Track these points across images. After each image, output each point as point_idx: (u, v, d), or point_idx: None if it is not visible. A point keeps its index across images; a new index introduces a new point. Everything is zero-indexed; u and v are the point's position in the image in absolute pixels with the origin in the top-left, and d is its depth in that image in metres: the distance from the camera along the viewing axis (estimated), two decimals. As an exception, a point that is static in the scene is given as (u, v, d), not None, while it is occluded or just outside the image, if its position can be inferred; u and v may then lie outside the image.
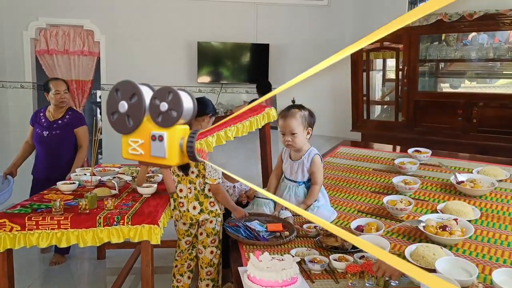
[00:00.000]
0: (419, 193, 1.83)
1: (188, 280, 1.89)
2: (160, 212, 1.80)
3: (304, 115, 1.62)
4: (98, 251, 2.96)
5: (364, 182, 2.00)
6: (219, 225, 1.79)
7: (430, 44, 3.69)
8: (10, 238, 1.68)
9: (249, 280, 1.22)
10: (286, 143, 1.64)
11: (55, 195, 1.95)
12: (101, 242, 1.74)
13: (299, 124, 1.60)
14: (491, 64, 3.55)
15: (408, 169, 2.03)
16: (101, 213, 1.75)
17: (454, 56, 3.63)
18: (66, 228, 1.71)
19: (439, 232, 1.42)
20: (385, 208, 1.67)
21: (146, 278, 1.79)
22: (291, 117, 1.60)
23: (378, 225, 1.50)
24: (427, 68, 3.79)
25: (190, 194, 1.75)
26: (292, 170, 1.69)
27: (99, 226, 1.72)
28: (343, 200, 1.83)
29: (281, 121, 1.64)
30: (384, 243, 1.38)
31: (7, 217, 1.70)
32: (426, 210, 1.68)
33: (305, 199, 1.65)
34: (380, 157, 2.34)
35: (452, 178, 1.87)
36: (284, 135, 1.63)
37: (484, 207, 1.67)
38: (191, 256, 1.89)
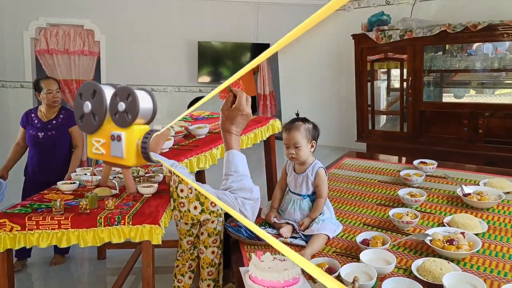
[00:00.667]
0: (425, 205, 1.82)
1: (189, 280, 1.87)
2: (161, 212, 1.81)
3: (308, 128, 1.62)
4: (98, 251, 2.96)
5: (370, 194, 1.99)
6: (221, 225, 1.78)
7: (435, 54, 3.69)
8: (10, 238, 1.68)
9: (251, 280, 1.21)
10: (289, 156, 1.64)
11: (56, 195, 1.95)
12: (102, 242, 1.74)
13: (303, 137, 1.60)
14: (496, 74, 3.55)
15: (414, 181, 2.02)
16: (102, 213, 1.75)
17: (459, 66, 3.63)
18: (66, 228, 1.71)
19: (446, 246, 1.40)
20: (391, 221, 1.66)
21: (147, 279, 1.79)
22: (295, 130, 1.60)
23: (384, 239, 1.48)
24: (432, 78, 3.78)
25: (191, 194, 1.74)
26: (296, 183, 1.68)
27: (99, 226, 1.72)
28: (349, 213, 1.82)
29: (285, 134, 1.64)
30: (390, 257, 1.36)
31: (7, 217, 1.70)
32: (432, 223, 1.66)
33: (309, 212, 1.64)
34: (386, 168, 2.33)
35: (459, 190, 1.86)
36: (288, 148, 1.63)
37: (491, 220, 1.65)
38: (192, 256, 1.87)
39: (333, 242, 1.58)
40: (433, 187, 2.00)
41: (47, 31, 4.65)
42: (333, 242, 1.58)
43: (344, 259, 1.45)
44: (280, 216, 1.72)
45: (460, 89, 3.93)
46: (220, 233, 1.80)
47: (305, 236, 1.59)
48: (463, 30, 3.16)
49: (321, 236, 1.54)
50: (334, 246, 1.55)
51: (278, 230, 1.66)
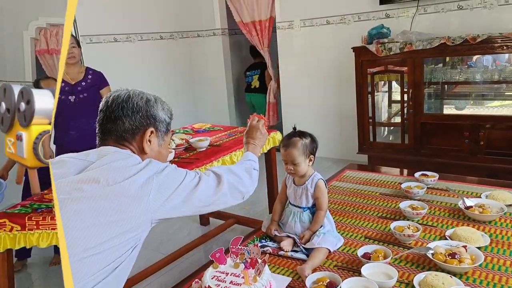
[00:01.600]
0: (427, 218, 1.81)
1: None
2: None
3: (306, 143, 1.61)
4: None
5: (371, 207, 1.98)
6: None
7: (435, 66, 3.71)
8: (10, 238, 1.67)
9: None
10: (288, 171, 1.65)
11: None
12: None
13: (300, 154, 1.60)
14: (497, 86, 3.56)
15: (415, 194, 2.01)
16: None
17: (459, 78, 3.65)
18: None
19: (448, 260, 1.39)
20: (393, 234, 1.65)
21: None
22: (292, 147, 1.60)
23: (385, 252, 1.47)
24: (433, 90, 3.80)
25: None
26: (296, 196, 1.68)
27: None
28: (350, 226, 1.81)
29: (283, 151, 1.64)
30: (392, 271, 1.35)
31: (7, 217, 1.69)
32: (434, 236, 1.65)
33: (310, 225, 1.63)
34: (387, 181, 2.32)
35: (460, 203, 1.85)
36: (286, 164, 1.64)
37: (493, 233, 1.64)
38: None
39: (334, 255, 1.57)
40: (434, 200, 1.99)
41: (47, 31, 4.69)
42: (334, 256, 1.56)
43: (345, 273, 1.44)
44: (281, 229, 1.71)
45: (461, 101, 3.94)
46: None
47: (306, 249, 1.58)
48: (462, 43, 3.18)
49: (322, 249, 1.53)
50: (335, 260, 1.54)
51: (279, 244, 1.65)
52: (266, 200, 3.01)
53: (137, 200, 1.09)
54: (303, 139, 1.62)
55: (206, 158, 2.18)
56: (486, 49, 3.18)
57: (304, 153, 1.60)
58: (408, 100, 3.61)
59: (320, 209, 1.63)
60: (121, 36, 4.35)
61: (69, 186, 1.04)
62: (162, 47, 4.83)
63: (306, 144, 1.61)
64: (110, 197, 1.05)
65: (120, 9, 4.31)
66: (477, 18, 3.49)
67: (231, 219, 2.97)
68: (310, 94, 4.68)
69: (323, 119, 4.61)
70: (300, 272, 1.44)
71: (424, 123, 3.57)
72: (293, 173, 1.65)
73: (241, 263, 1.33)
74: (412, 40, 3.43)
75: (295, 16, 4.60)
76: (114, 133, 1.22)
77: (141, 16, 4.53)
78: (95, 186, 1.05)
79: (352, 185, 2.30)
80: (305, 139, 1.62)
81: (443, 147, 3.51)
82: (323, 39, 4.44)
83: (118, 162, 1.13)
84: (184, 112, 5.06)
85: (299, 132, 1.65)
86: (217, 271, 1.33)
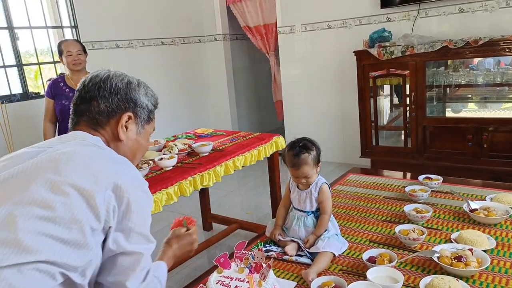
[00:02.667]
0: (432, 221, 1.80)
1: None
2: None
3: (314, 156, 1.59)
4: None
5: (375, 211, 1.97)
6: None
7: (437, 69, 3.71)
8: None
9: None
10: (301, 185, 1.65)
11: None
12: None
13: (311, 167, 1.59)
14: (499, 88, 3.55)
15: (420, 197, 2.00)
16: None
17: (461, 81, 3.64)
18: None
19: (454, 263, 1.38)
20: (397, 238, 1.64)
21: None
22: (304, 165, 1.57)
23: (391, 256, 1.46)
24: (435, 93, 3.79)
25: None
26: (300, 200, 1.67)
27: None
28: (354, 230, 1.80)
29: (294, 170, 1.60)
30: (398, 275, 1.34)
31: None
32: (439, 240, 1.64)
33: (314, 229, 1.63)
34: (391, 184, 2.31)
35: (465, 206, 1.84)
36: (297, 178, 1.62)
37: (499, 236, 1.63)
38: None
39: (339, 259, 1.56)
40: (439, 203, 1.98)
41: None
42: (339, 260, 1.55)
43: (350, 277, 1.43)
44: (285, 233, 1.70)
45: (463, 103, 3.94)
46: None
47: (310, 253, 1.57)
48: (464, 46, 3.18)
49: (327, 254, 1.52)
50: (340, 264, 1.53)
51: (283, 248, 1.64)
52: (269, 204, 3.00)
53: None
54: (310, 153, 1.59)
55: (209, 163, 2.18)
56: (488, 52, 3.18)
57: (314, 165, 1.60)
58: (410, 103, 3.60)
59: (324, 213, 1.62)
60: (123, 42, 4.37)
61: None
62: (164, 53, 4.85)
63: (314, 156, 1.60)
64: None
65: (122, 15, 4.34)
66: (479, 21, 3.50)
67: (234, 224, 2.96)
68: (312, 98, 4.68)
69: (325, 123, 4.61)
70: (304, 276, 1.43)
71: (426, 126, 3.56)
72: (305, 185, 1.64)
73: (246, 267, 1.32)
74: (414, 44, 3.43)
75: (296, 21, 4.61)
76: (86, 114, 1.10)
77: (143, 22, 4.56)
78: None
79: (355, 188, 2.29)
80: (312, 152, 1.59)
81: (446, 151, 3.49)
82: (324, 43, 4.45)
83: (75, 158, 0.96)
84: (185, 117, 5.07)
85: (303, 146, 1.60)
86: (222, 276, 1.32)
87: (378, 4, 3.90)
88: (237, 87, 5.62)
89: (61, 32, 4.13)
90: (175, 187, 1.94)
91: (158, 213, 1.90)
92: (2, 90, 3.40)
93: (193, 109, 5.32)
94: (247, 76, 5.87)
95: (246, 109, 5.86)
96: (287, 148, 1.64)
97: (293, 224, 1.67)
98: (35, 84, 4.21)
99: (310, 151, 1.59)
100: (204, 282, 1.40)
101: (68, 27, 3.96)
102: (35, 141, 1.20)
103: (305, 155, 1.58)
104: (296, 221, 1.67)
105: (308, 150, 1.59)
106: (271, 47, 5.13)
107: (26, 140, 3.36)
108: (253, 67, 5.98)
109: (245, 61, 5.80)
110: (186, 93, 5.20)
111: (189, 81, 5.24)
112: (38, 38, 3.75)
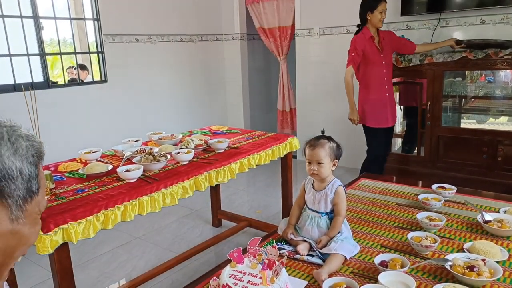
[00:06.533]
0: (444, 230, 1.80)
1: None
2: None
3: (333, 146, 1.64)
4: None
5: (387, 217, 1.98)
6: None
7: (454, 79, 3.69)
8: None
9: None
10: (311, 172, 1.65)
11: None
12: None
13: (326, 154, 1.62)
14: (516, 102, 3.52)
15: (433, 205, 2.00)
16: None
17: (478, 93, 3.63)
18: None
19: (467, 272, 1.38)
20: (409, 244, 1.64)
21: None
22: (320, 147, 1.62)
23: (403, 262, 1.47)
24: (450, 103, 3.78)
25: None
26: (315, 200, 1.69)
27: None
28: (366, 234, 1.81)
29: (309, 150, 1.65)
30: (410, 280, 1.35)
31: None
32: (451, 249, 1.64)
33: (328, 230, 1.64)
34: (403, 191, 2.31)
35: (479, 216, 1.84)
36: (310, 164, 1.65)
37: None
38: None
39: (350, 262, 1.57)
40: (452, 213, 1.98)
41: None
42: (350, 263, 1.57)
43: (361, 280, 1.44)
44: (297, 233, 1.72)
45: (480, 115, 3.91)
46: None
47: (322, 254, 1.58)
48: (484, 57, 3.17)
49: (339, 256, 1.53)
50: (351, 267, 1.54)
51: (295, 247, 1.66)
52: (279, 204, 3.02)
53: None
54: (330, 142, 1.66)
55: (225, 159, 2.20)
56: (508, 65, 3.16)
57: (330, 155, 1.63)
58: (426, 112, 3.59)
59: (338, 215, 1.64)
60: (142, 36, 4.42)
61: None
62: (182, 49, 4.90)
63: (333, 147, 1.64)
64: None
65: (143, 10, 4.39)
66: (500, 33, 3.47)
67: (243, 222, 2.98)
68: (326, 102, 4.69)
69: (338, 127, 4.61)
70: (316, 276, 1.44)
71: (441, 136, 3.55)
72: (315, 174, 1.65)
73: (259, 263, 1.34)
74: (433, 53, 3.42)
75: (314, 24, 4.62)
76: None
77: (163, 18, 4.61)
78: None
79: (368, 193, 2.30)
80: (333, 143, 1.66)
81: (459, 161, 3.48)
82: (341, 47, 4.43)
83: None
84: (200, 114, 5.11)
85: (328, 136, 1.69)
86: (235, 270, 1.34)
87: (398, 11, 3.90)
88: (252, 88, 5.64)
89: (83, 24, 4.20)
90: (191, 181, 1.97)
91: (171, 206, 1.93)
92: (24, 78, 3.47)
93: (208, 106, 5.36)
94: (262, 77, 5.90)
95: (259, 110, 5.88)
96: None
97: (306, 224, 1.69)
98: (51, 74, 4.30)
99: (330, 141, 1.66)
100: (217, 275, 1.42)
101: (90, 19, 4.02)
102: (57, 129, 1.21)
103: (324, 140, 1.65)
104: (309, 221, 1.68)
105: (329, 139, 1.66)
106: (284, 50, 5.13)
107: (51, 129, 3.43)
108: (268, 69, 6.00)
109: (260, 62, 5.82)
110: (202, 90, 5.24)
111: (205, 79, 5.28)
112: (60, 29, 3.81)
